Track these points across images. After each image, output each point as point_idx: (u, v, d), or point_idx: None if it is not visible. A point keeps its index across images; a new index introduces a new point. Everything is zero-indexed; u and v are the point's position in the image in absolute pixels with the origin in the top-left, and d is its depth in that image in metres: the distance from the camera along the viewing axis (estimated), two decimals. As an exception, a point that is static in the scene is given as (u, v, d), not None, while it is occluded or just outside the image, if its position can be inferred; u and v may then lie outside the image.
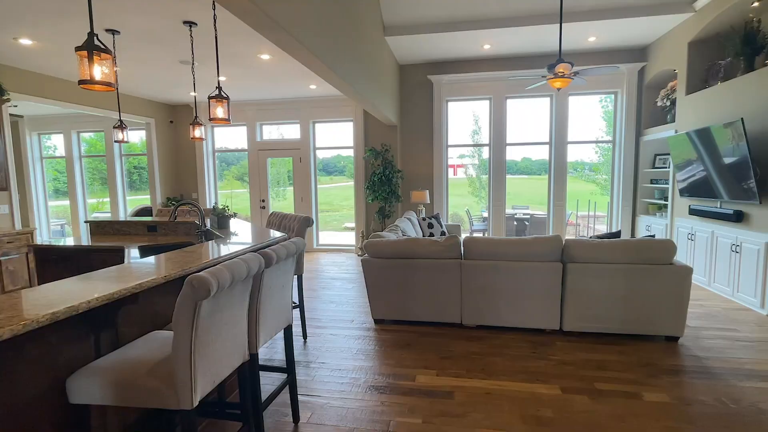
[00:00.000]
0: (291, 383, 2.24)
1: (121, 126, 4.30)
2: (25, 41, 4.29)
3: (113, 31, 4.06)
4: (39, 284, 2.24)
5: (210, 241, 2.68)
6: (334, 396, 2.54)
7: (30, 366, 1.38)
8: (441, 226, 5.90)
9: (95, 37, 1.68)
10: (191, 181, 8.14)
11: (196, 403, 1.39)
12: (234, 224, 3.49)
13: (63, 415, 1.49)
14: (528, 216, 8.42)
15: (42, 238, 8.59)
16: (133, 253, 3.19)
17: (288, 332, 2.20)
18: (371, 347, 3.27)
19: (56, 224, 9.63)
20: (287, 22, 2.67)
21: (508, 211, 9.44)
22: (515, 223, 8.41)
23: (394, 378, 2.75)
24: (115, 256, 3.28)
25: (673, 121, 5.46)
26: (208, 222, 3.47)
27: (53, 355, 1.46)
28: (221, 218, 3.20)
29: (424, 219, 5.92)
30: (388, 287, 3.67)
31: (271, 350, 3.30)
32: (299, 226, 3.34)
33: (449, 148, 7.14)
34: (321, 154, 7.91)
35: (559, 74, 4.43)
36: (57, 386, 1.47)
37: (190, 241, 3.50)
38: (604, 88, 6.44)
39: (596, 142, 7.21)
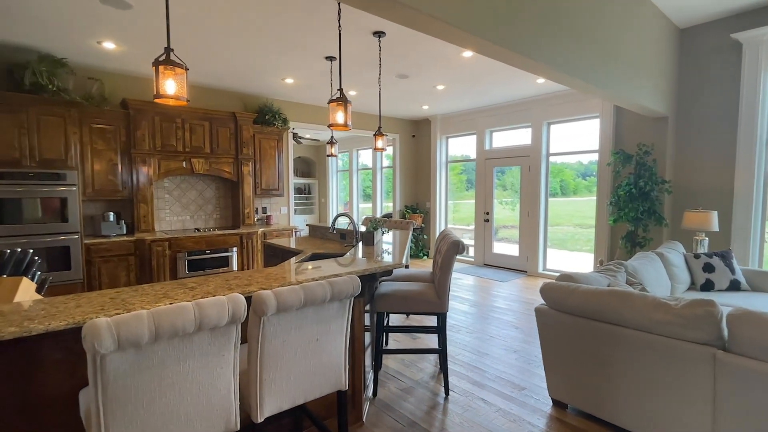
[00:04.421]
0: (343, 466, 1.68)
1: (331, 142, 4.80)
2: (289, 80, 5.45)
3: (331, 58, 4.54)
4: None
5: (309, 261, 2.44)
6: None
7: (48, 370, 1.46)
8: (731, 272, 3.64)
9: (170, 53, 1.70)
10: (426, 191, 8.48)
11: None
12: (382, 239, 3.17)
13: (77, 425, 1.53)
14: None
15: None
16: (302, 257, 3.39)
17: (340, 399, 1.65)
18: (523, 444, 2.21)
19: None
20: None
21: None
22: None
23: None
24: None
25: None
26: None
27: (73, 362, 1.52)
28: (366, 235, 2.94)
29: (697, 256, 3.82)
30: (572, 357, 2.43)
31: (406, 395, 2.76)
32: (447, 250, 2.65)
33: (773, 145, 4.39)
34: (571, 159, 6.58)
35: None
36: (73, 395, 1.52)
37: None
38: None
39: None
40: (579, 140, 6.13)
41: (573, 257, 7.90)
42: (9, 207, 4.08)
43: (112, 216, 4.89)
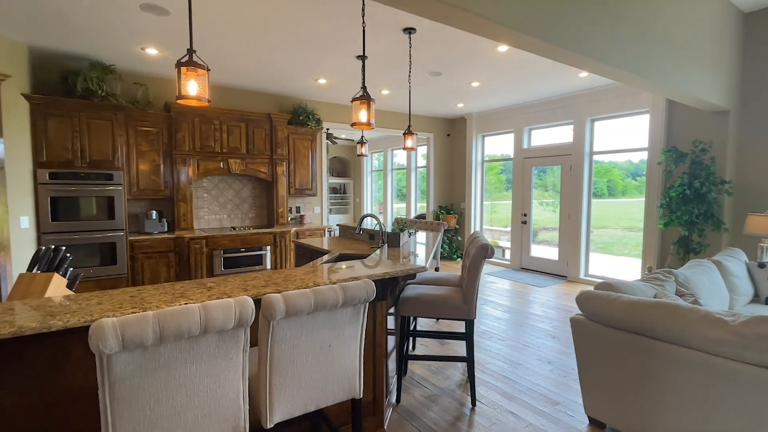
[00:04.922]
0: (357, 478, 1.61)
1: (362, 142, 4.76)
2: (322, 80, 5.48)
3: (362, 57, 4.50)
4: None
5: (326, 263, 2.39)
6: None
7: (73, 365, 1.50)
8: (804, 284, 3.24)
9: (193, 54, 1.71)
10: (461, 191, 8.28)
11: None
12: (410, 240, 3.08)
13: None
14: None
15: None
16: (328, 257, 3.37)
17: (354, 407, 1.59)
18: (554, 464, 2.05)
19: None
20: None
21: None
22: None
23: None
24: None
25: None
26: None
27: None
28: (391, 236, 2.87)
29: (762, 265, 3.44)
30: (611, 373, 2.23)
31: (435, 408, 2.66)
32: (476, 253, 2.53)
33: None
34: (620, 158, 6.19)
35: None
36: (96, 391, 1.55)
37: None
38: None
39: None
40: (626, 137, 5.73)
41: (619, 262, 7.41)
42: (62, 205, 4.38)
43: (154, 214, 5.12)
